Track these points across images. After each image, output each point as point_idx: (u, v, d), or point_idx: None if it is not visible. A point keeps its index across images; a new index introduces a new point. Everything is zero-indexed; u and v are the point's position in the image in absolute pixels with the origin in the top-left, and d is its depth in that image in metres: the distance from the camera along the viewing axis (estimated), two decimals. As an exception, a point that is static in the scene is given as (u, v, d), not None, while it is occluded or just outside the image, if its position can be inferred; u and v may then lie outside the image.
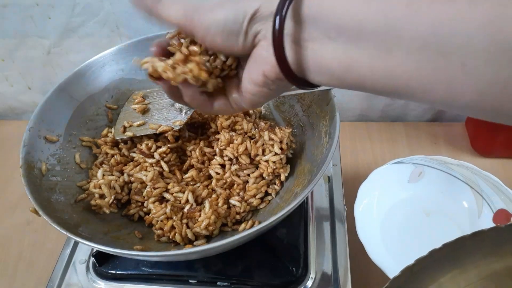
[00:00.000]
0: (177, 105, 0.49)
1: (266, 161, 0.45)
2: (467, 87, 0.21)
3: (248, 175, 0.46)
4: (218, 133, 0.48)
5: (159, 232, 0.42)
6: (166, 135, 0.47)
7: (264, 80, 0.29)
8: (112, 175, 0.46)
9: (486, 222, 0.52)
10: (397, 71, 0.23)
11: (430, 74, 0.22)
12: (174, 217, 0.42)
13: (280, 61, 0.27)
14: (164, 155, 0.47)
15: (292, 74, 0.28)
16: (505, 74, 0.20)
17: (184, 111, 0.48)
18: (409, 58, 0.22)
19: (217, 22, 0.28)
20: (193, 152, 0.47)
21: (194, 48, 0.31)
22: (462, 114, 0.24)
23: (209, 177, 0.47)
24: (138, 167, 0.46)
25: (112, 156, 0.48)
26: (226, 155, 0.46)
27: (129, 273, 0.45)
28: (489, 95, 0.21)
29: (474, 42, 0.20)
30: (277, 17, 0.26)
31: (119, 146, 0.49)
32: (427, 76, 0.22)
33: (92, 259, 0.46)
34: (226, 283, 0.43)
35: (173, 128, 0.47)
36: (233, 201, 0.44)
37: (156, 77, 0.32)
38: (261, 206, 0.46)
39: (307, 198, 0.51)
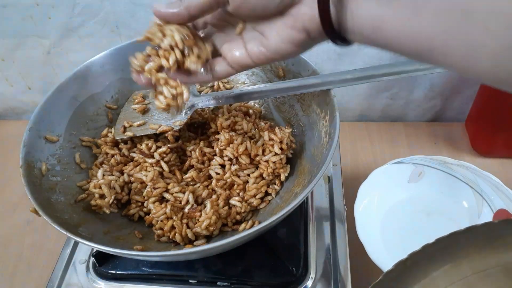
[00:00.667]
0: (177, 105, 0.49)
1: (266, 161, 0.45)
2: (486, 51, 0.22)
3: (248, 175, 0.46)
4: (218, 133, 0.48)
5: (159, 232, 0.42)
6: (166, 135, 0.47)
7: (305, 38, 0.31)
8: (112, 175, 0.46)
9: (486, 222, 0.52)
10: (422, 33, 0.24)
11: (453, 36, 0.23)
12: (174, 217, 0.42)
13: (324, 17, 0.28)
14: (164, 155, 0.47)
15: (333, 30, 0.29)
16: None
17: (184, 111, 0.48)
18: (436, 19, 0.23)
19: None
20: (193, 152, 0.47)
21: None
22: (477, 79, 0.25)
23: (209, 177, 0.47)
24: (138, 167, 0.46)
25: (112, 156, 0.48)
26: (226, 155, 0.46)
27: (129, 273, 0.45)
28: (505, 60, 0.22)
29: (498, 6, 0.21)
30: None
31: (119, 146, 0.49)
32: (450, 38, 0.23)
33: (92, 259, 0.46)
34: (226, 283, 0.43)
35: (173, 128, 0.47)
36: (234, 201, 0.44)
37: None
38: (261, 206, 0.46)
39: (307, 198, 0.51)
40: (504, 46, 0.21)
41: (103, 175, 0.45)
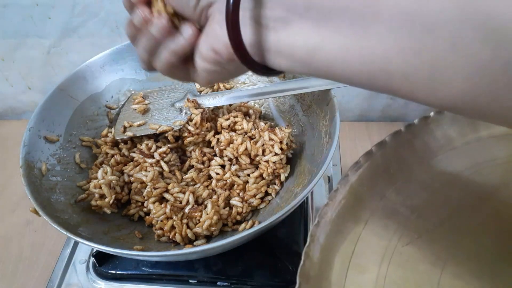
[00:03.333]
0: (177, 105, 0.49)
1: (266, 161, 0.45)
2: (456, 71, 0.18)
3: (248, 175, 0.46)
4: (219, 133, 0.48)
5: (159, 232, 0.42)
6: (166, 135, 0.47)
7: (215, 58, 0.25)
8: (112, 175, 0.46)
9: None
10: (373, 53, 0.20)
11: (413, 56, 0.19)
12: (174, 217, 0.42)
13: (234, 41, 0.23)
14: (164, 155, 0.47)
15: (247, 56, 0.24)
16: (506, 56, 0.16)
17: (184, 111, 0.48)
18: (389, 36, 0.19)
19: None
20: (193, 152, 0.47)
21: None
22: (446, 110, 0.21)
23: (209, 177, 0.47)
24: (138, 167, 0.46)
25: (112, 156, 0.48)
26: (226, 155, 0.46)
27: (129, 273, 0.45)
28: (483, 81, 0.18)
29: (468, 18, 0.17)
30: None
31: (119, 146, 0.49)
32: (409, 58, 0.19)
33: (92, 259, 0.46)
34: (226, 283, 0.43)
35: (173, 128, 0.47)
36: (234, 201, 0.44)
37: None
38: (261, 206, 0.46)
39: (307, 198, 0.51)
40: (481, 65, 0.17)
41: (104, 175, 0.45)
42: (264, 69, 0.25)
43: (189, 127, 0.47)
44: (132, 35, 0.29)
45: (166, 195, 0.44)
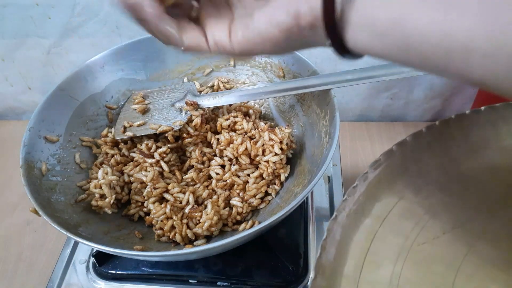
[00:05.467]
0: (177, 105, 0.49)
1: (266, 161, 0.45)
2: None
3: (248, 175, 0.46)
4: (218, 133, 0.48)
5: (159, 232, 0.42)
6: (166, 135, 0.47)
7: (291, 24, 0.25)
8: (112, 175, 0.46)
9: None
10: (458, 27, 0.19)
11: (498, 33, 0.18)
12: (174, 217, 0.42)
13: (327, 3, 0.23)
14: (164, 155, 0.47)
15: (332, 22, 0.24)
16: None
17: (184, 111, 0.48)
18: (477, 11, 0.19)
19: None
20: (193, 152, 0.47)
21: None
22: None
23: (209, 177, 0.47)
24: (138, 167, 0.46)
25: (112, 156, 0.48)
26: (226, 156, 0.46)
27: (129, 273, 0.45)
28: None
29: None
30: None
31: (119, 146, 0.49)
32: (494, 35, 0.18)
33: (92, 259, 0.46)
34: (226, 283, 0.43)
35: (173, 128, 0.47)
36: (234, 201, 0.44)
37: None
38: (261, 206, 0.46)
39: (307, 198, 0.51)
40: None
41: (104, 175, 0.45)
42: (338, 44, 0.25)
43: (189, 129, 0.47)
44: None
45: (166, 195, 0.44)
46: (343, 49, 0.25)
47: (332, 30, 0.24)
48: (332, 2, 0.23)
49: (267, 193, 0.46)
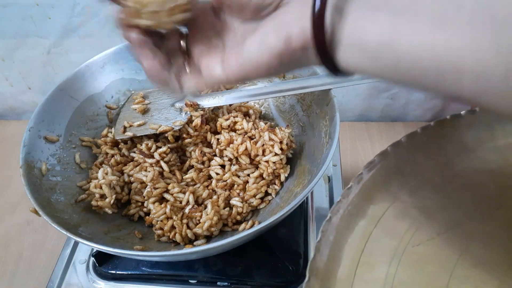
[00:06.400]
0: (177, 105, 0.49)
1: (266, 161, 0.45)
2: None
3: (248, 175, 0.46)
4: (218, 133, 0.48)
5: (159, 232, 0.42)
6: (166, 135, 0.47)
7: (282, 48, 0.25)
8: (112, 175, 0.46)
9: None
10: (449, 48, 0.19)
11: (489, 54, 0.18)
12: (174, 217, 0.42)
13: (317, 25, 0.23)
14: (164, 155, 0.47)
15: (322, 43, 0.24)
16: None
17: (184, 111, 0.48)
18: (468, 32, 0.19)
19: None
20: (193, 152, 0.47)
21: None
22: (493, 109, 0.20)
23: (209, 177, 0.47)
24: (138, 167, 0.46)
25: (112, 156, 0.48)
26: (226, 156, 0.46)
27: (129, 273, 0.45)
28: None
29: None
30: None
31: (119, 146, 0.49)
32: (485, 55, 0.18)
33: (92, 259, 0.46)
34: (226, 283, 0.43)
35: (173, 128, 0.47)
36: (234, 201, 0.44)
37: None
38: (261, 206, 0.46)
39: (307, 198, 0.51)
40: None
41: (104, 175, 0.45)
42: (329, 64, 0.25)
43: (189, 129, 0.47)
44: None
45: (166, 195, 0.44)
46: (334, 68, 0.25)
47: (323, 51, 0.24)
48: (321, 23, 0.23)
49: (267, 193, 0.46)
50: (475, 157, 0.36)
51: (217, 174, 0.46)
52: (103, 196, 0.44)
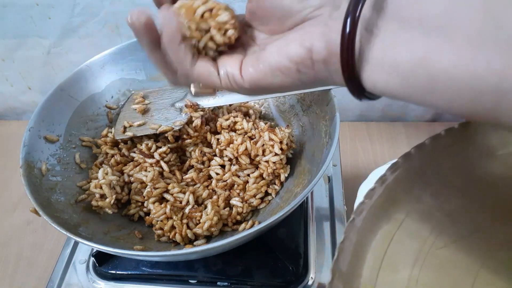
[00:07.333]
0: (177, 105, 0.49)
1: (266, 161, 0.45)
2: None
3: (248, 175, 0.46)
4: (218, 133, 0.48)
5: (159, 232, 0.42)
6: (166, 135, 0.47)
7: (305, 56, 0.24)
8: (112, 175, 0.46)
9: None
10: (488, 68, 0.18)
11: None
12: (174, 217, 0.42)
13: (346, 42, 0.22)
14: (164, 155, 0.47)
15: (351, 60, 0.23)
16: None
17: (184, 112, 0.48)
18: (508, 49, 0.18)
19: None
20: (192, 152, 0.47)
21: None
22: None
23: (209, 177, 0.47)
24: (138, 167, 0.46)
25: (112, 156, 0.48)
26: (226, 156, 0.46)
27: (129, 273, 0.45)
28: None
29: None
30: None
31: (119, 146, 0.49)
32: None
33: (92, 259, 0.46)
34: (226, 283, 0.43)
35: (173, 128, 0.47)
36: (234, 201, 0.44)
37: None
38: (261, 206, 0.46)
39: (307, 198, 0.51)
40: None
41: (104, 175, 0.45)
42: (354, 84, 0.24)
43: (189, 130, 0.47)
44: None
45: (166, 195, 0.44)
46: (359, 89, 0.24)
47: (350, 68, 0.23)
48: (352, 39, 0.22)
49: (267, 193, 0.46)
50: (499, 161, 0.36)
51: (217, 174, 0.46)
52: (103, 196, 0.44)
